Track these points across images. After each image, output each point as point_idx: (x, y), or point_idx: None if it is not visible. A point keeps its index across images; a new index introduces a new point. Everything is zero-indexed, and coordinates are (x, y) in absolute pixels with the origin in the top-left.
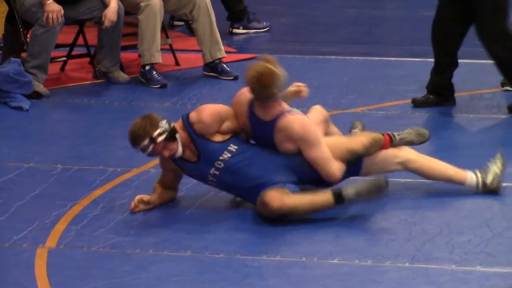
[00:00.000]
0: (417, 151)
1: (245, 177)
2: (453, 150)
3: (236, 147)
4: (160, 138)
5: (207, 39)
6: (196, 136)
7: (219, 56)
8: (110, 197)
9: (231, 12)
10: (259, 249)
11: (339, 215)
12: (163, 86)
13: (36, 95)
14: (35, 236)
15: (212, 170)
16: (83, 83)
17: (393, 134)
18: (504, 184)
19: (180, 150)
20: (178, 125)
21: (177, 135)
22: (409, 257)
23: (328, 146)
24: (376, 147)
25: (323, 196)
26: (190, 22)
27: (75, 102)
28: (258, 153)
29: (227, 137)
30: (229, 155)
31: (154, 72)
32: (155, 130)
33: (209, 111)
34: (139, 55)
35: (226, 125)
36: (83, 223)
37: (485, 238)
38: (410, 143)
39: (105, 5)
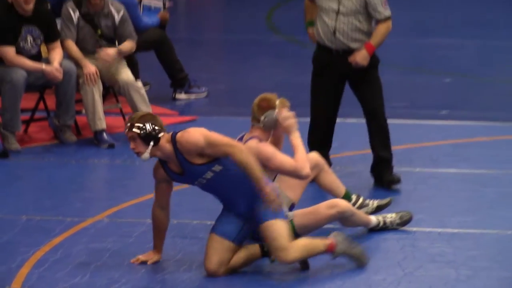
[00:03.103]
0: None
1: (226, 191)
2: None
3: (220, 167)
4: (135, 131)
5: (134, 111)
6: (180, 154)
7: None
8: (68, 243)
9: (173, 79)
10: None
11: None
12: (111, 146)
13: (4, 155)
14: (2, 279)
15: (197, 182)
16: (44, 143)
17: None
18: (414, 229)
19: (146, 155)
20: (165, 137)
21: (152, 143)
22: None
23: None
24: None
25: (254, 250)
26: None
27: (37, 160)
28: (238, 175)
29: (209, 159)
30: (212, 174)
31: (104, 135)
32: (140, 124)
33: (192, 137)
34: (87, 121)
35: (209, 151)
36: (44, 266)
37: (397, 277)
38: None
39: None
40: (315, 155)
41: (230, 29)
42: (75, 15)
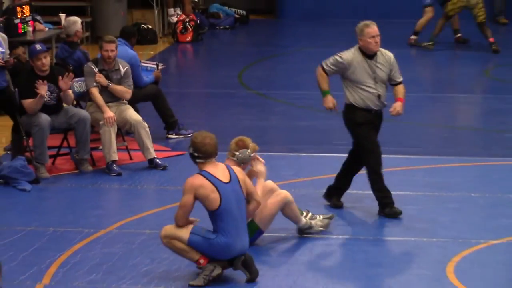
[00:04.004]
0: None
1: None
2: None
3: None
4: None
5: (141, 146)
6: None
7: (149, 157)
8: (86, 249)
9: (166, 123)
10: None
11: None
12: (119, 174)
13: (36, 181)
14: (35, 276)
15: None
16: (67, 172)
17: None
18: (352, 237)
19: None
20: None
21: None
22: None
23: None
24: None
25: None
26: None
27: (61, 185)
28: None
29: None
30: None
31: (114, 165)
32: None
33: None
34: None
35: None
36: (67, 267)
37: (338, 274)
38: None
39: (75, 115)
40: (271, 182)
41: (210, 85)
42: (95, 69)
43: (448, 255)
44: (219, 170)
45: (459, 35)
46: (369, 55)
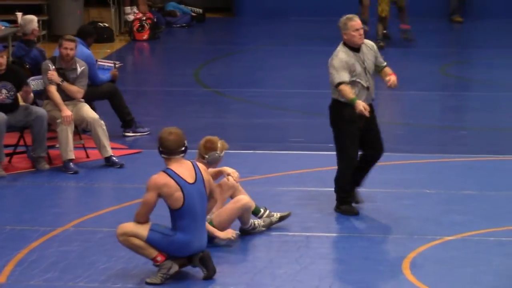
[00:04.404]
0: None
1: None
2: None
3: None
4: None
5: (98, 144)
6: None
7: (105, 155)
8: (42, 247)
9: (123, 121)
10: None
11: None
12: (76, 172)
13: None
14: None
15: None
16: (23, 171)
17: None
18: (308, 234)
19: None
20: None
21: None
22: (245, 284)
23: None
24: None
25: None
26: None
27: (18, 183)
28: None
29: None
30: None
31: (71, 164)
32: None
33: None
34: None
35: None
36: (24, 265)
37: (295, 270)
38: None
39: (32, 113)
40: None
41: (166, 83)
42: (51, 68)
43: (403, 252)
44: (185, 169)
45: (385, 31)
46: (355, 49)
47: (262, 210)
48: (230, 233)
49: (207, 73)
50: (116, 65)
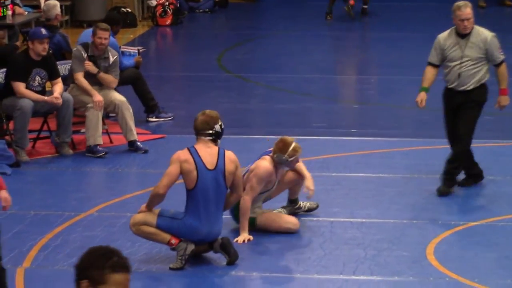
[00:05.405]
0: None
1: None
2: None
3: None
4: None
5: (123, 127)
6: None
7: (131, 139)
8: (66, 232)
9: (147, 107)
10: None
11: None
12: (105, 154)
13: (16, 165)
14: (16, 260)
15: None
16: (47, 156)
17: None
18: (331, 219)
19: None
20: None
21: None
22: (268, 270)
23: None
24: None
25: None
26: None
27: (42, 169)
28: None
29: None
30: None
31: (98, 147)
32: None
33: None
34: (86, 138)
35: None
36: (48, 250)
37: (319, 256)
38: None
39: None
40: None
41: (189, 68)
42: (84, 55)
43: (427, 237)
44: (208, 153)
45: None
46: (461, 35)
47: (281, 210)
48: (247, 239)
49: (230, 58)
50: (140, 50)
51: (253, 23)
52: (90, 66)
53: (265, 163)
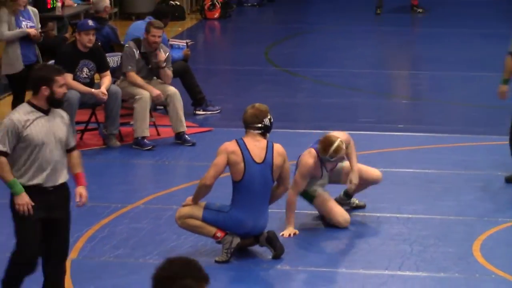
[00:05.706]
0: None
1: None
2: None
3: None
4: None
5: (174, 118)
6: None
7: (181, 130)
8: (113, 224)
9: (194, 99)
10: None
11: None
12: (153, 147)
13: None
14: None
15: None
16: (95, 147)
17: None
18: (378, 215)
19: None
20: None
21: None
22: (314, 264)
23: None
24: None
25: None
26: (165, 106)
27: (89, 160)
28: None
29: None
30: None
31: (146, 140)
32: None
33: None
34: (134, 130)
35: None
36: (95, 241)
37: (365, 251)
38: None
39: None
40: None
41: (237, 62)
42: (136, 52)
43: (474, 233)
44: (256, 147)
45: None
46: None
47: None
48: (292, 232)
49: (278, 52)
50: (189, 43)
51: (301, 17)
52: (162, 57)
53: (306, 159)
